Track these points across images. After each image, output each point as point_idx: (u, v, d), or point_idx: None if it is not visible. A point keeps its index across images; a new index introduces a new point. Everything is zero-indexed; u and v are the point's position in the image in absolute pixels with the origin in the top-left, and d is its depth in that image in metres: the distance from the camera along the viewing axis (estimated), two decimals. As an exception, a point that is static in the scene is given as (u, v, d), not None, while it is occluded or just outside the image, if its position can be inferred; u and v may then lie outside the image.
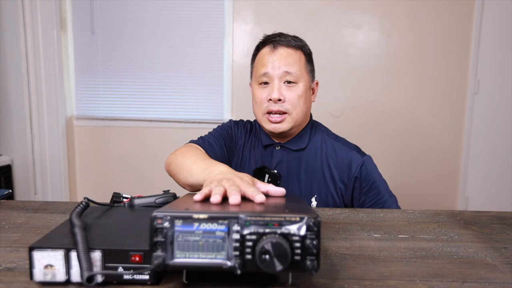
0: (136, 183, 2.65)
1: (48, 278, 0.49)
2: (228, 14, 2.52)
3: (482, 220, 0.84)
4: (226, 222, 0.45)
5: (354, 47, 2.54)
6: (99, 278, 0.49)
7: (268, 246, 0.44)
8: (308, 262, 0.45)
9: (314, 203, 1.08)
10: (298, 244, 0.45)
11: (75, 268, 0.49)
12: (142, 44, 2.56)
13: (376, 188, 1.07)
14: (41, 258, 0.48)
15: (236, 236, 0.45)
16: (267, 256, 0.44)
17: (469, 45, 2.51)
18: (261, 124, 1.11)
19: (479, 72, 2.51)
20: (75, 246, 0.48)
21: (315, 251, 0.45)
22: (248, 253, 0.45)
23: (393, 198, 1.09)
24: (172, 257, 0.45)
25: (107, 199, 0.82)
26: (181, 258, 0.45)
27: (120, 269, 0.49)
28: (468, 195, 2.62)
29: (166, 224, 0.45)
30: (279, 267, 0.44)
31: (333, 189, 1.08)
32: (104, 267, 0.49)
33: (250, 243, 0.45)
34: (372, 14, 2.51)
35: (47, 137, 2.46)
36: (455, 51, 2.52)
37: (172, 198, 0.78)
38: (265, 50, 1.07)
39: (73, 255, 0.48)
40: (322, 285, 0.52)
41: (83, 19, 2.55)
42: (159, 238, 0.45)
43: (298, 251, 0.45)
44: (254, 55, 1.13)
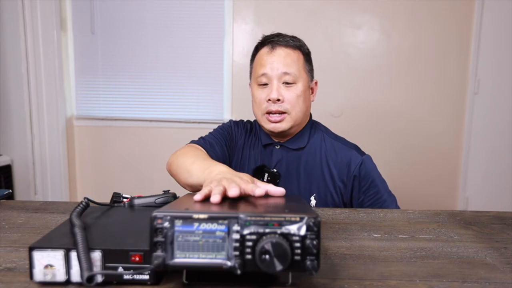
0: (136, 183, 2.65)
1: (48, 278, 0.49)
2: (228, 14, 2.52)
3: (482, 220, 0.84)
4: (226, 222, 0.45)
5: (354, 47, 2.54)
6: (99, 278, 0.49)
7: (268, 246, 0.44)
8: (308, 262, 0.45)
9: (313, 202, 1.08)
10: (298, 244, 0.45)
11: (75, 268, 0.49)
12: (142, 44, 2.56)
13: (375, 187, 1.07)
14: (41, 258, 0.48)
15: (236, 236, 0.45)
16: (267, 256, 0.44)
17: (469, 45, 2.51)
18: (260, 124, 1.11)
19: (479, 72, 2.51)
20: (75, 246, 0.48)
21: (315, 251, 0.45)
22: (248, 253, 0.45)
23: (392, 197, 1.09)
24: (172, 257, 0.45)
25: (107, 199, 0.82)
26: (181, 258, 0.45)
27: (120, 269, 0.49)
28: (468, 195, 2.62)
29: (166, 224, 0.45)
30: (279, 267, 0.44)
31: (332, 188, 1.08)
32: (104, 267, 0.49)
33: (250, 243, 0.45)
34: (372, 14, 2.51)
35: (47, 137, 2.46)
36: (455, 51, 2.52)
37: (172, 198, 0.78)
38: (264, 51, 1.08)
39: (73, 255, 0.48)
40: (322, 285, 0.52)
41: (83, 19, 2.55)
42: (159, 238, 0.45)
43: (298, 251, 0.45)
44: (253, 55, 1.13)
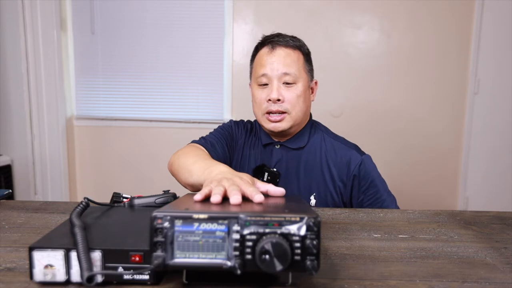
0: (136, 183, 2.65)
1: (48, 278, 0.49)
2: (228, 14, 2.52)
3: (482, 220, 0.84)
4: (226, 222, 0.45)
5: (354, 47, 2.54)
6: (99, 278, 0.49)
7: (268, 246, 0.44)
8: (308, 262, 0.45)
9: (313, 201, 1.08)
10: (298, 244, 0.45)
11: (75, 268, 0.49)
12: (142, 44, 2.56)
13: (374, 187, 1.07)
14: (41, 258, 0.48)
15: (236, 236, 0.45)
16: (267, 256, 0.44)
17: (469, 45, 2.51)
18: (261, 124, 1.11)
19: (479, 72, 2.51)
20: (75, 246, 0.48)
21: (315, 251, 0.45)
22: (248, 253, 0.45)
23: (391, 197, 1.09)
24: (172, 257, 0.45)
25: (107, 199, 0.82)
26: (181, 258, 0.45)
27: (120, 269, 0.49)
28: (468, 195, 2.62)
29: (166, 224, 0.45)
30: (279, 267, 0.44)
31: (332, 188, 1.08)
32: (104, 267, 0.49)
33: (250, 243, 0.45)
34: (372, 14, 2.51)
35: (47, 137, 2.46)
36: (455, 51, 2.52)
37: (172, 198, 0.78)
38: (264, 51, 1.08)
39: (73, 255, 0.48)
40: (322, 285, 0.52)
41: (83, 19, 2.55)
42: (159, 238, 0.45)
43: (298, 251, 0.45)
44: (253, 56, 1.13)
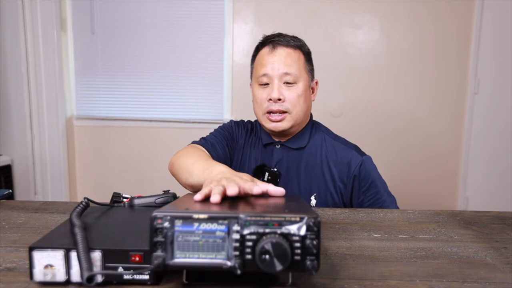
0: (136, 183, 2.65)
1: (48, 278, 0.49)
2: (228, 14, 2.52)
3: (482, 220, 0.84)
4: (226, 222, 0.45)
5: (354, 47, 2.54)
6: (99, 278, 0.49)
7: (268, 246, 0.44)
8: (308, 262, 0.45)
9: (314, 201, 1.08)
10: (298, 244, 0.45)
11: (75, 268, 0.49)
12: (142, 44, 2.56)
13: (375, 188, 1.07)
14: (41, 258, 0.48)
15: (236, 236, 0.45)
16: (267, 256, 0.44)
17: (469, 45, 2.51)
18: (261, 124, 1.11)
19: (479, 72, 2.51)
20: (75, 246, 0.48)
21: (315, 251, 0.45)
22: (248, 253, 0.45)
23: (392, 198, 1.09)
24: (172, 257, 0.45)
25: (107, 199, 0.82)
26: (181, 258, 0.45)
27: (120, 269, 0.49)
28: (468, 195, 2.62)
29: (166, 224, 0.45)
30: (279, 267, 0.44)
31: (333, 188, 1.08)
32: (104, 267, 0.49)
33: (250, 243, 0.45)
34: (372, 14, 2.51)
35: (47, 137, 2.46)
36: (455, 51, 2.52)
37: (172, 198, 0.78)
38: (265, 51, 1.08)
39: (73, 255, 0.48)
40: (322, 285, 0.52)
41: (83, 19, 2.55)
42: (159, 238, 0.45)
43: (298, 251, 0.45)
44: (254, 55, 1.13)
